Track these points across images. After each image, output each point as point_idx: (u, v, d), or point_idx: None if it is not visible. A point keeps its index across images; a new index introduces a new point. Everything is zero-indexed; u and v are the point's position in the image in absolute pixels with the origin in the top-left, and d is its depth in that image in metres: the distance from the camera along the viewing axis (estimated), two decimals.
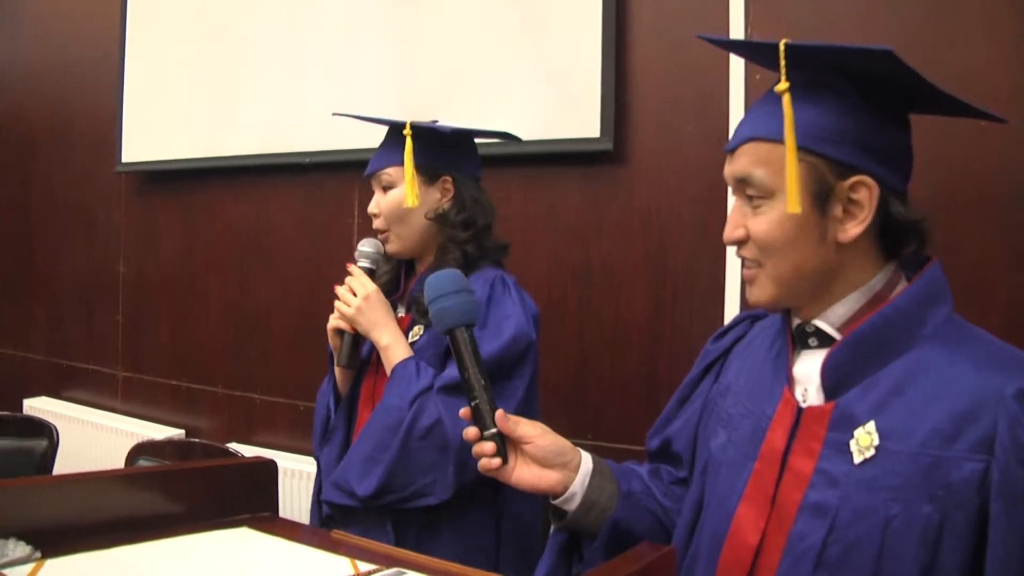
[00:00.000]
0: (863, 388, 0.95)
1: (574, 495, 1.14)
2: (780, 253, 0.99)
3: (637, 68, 2.21)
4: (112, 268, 3.40)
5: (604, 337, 2.24)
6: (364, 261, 1.62)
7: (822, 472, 0.95)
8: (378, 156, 1.64)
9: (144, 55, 3.19)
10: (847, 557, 0.91)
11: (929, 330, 0.96)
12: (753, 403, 1.07)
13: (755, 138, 0.99)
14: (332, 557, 1.00)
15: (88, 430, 3.21)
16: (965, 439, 0.88)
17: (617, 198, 2.24)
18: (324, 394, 1.70)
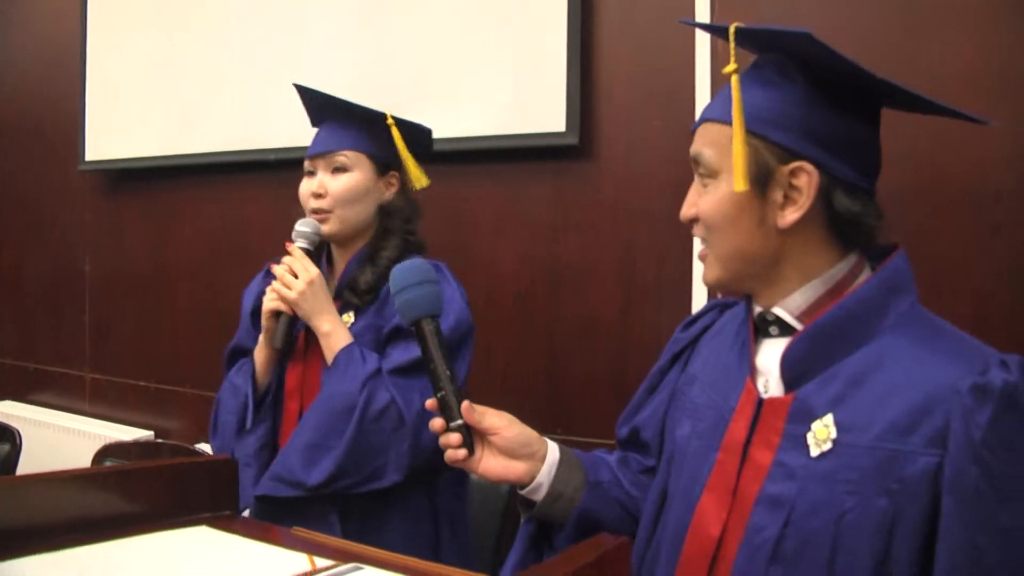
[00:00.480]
0: (822, 380, 0.95)
1: (540, 485, 1.14)
2: (722, 232, 1.00)
3: (603, 63, 2.22)
4: (78, 268, 3.36)
5: (573, 331, 2.24)
6: (302, 241, 1.61)
7: (780, 464, 0.95)
8: (331, 137, 1.64)
9: (106, 52, 3.16)
10: (803, 550, 0.91)
11: (891, 321, 0.95)
12: (717, 393, 1.07)
13: (708, 119, 1.02)
14: (289, 554, 0.99)
15: (55, 433, 3.18)
16: (920, 433, 0.88)
17: (585, 192, 2.24)
18: (237, 386, 1.65)
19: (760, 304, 1.04)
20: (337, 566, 0.92)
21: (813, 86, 0.97)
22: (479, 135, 2.28)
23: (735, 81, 0.95)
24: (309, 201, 1.63)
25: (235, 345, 1.74)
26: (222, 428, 1.65)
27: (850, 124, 0.98)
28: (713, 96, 2.06)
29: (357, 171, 1.63)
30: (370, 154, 1.64)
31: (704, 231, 1.03)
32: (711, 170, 1.00)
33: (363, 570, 0.92)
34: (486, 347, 2.33)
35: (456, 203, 2.40)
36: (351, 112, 1.65)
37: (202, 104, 2.90)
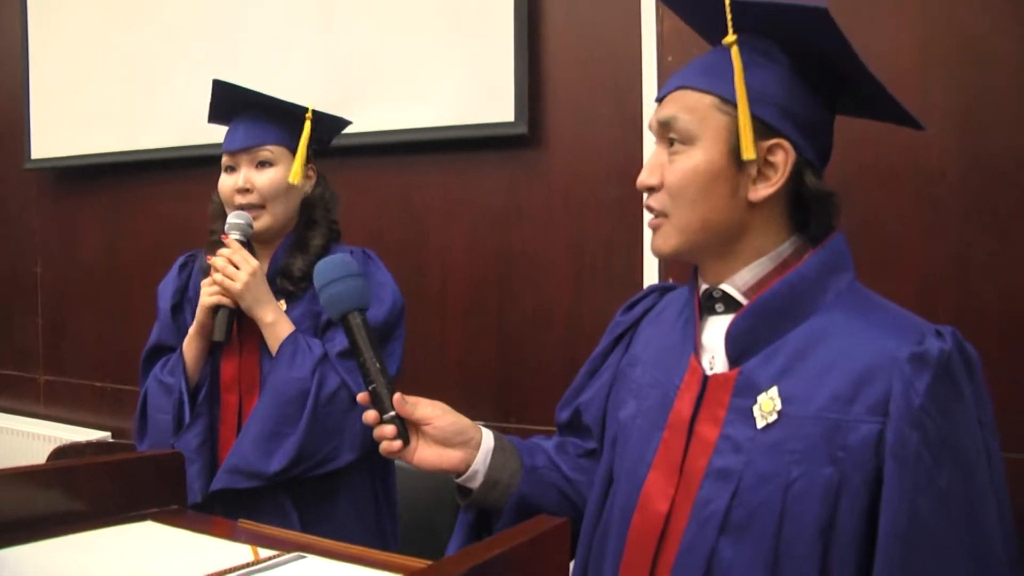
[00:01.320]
0: (766, 355, 0.98)
1: (476, 473, 1.15)
2: (691, 202, 1.00)
3: (550, 53, 2.23)
4: (29, 270, 3.31)
5: (525, 320, 2.26)
6: (236, 233, 1.59)
7: (726, 438, 0.98)
8: (251, 133, 1.62)
9: (49, 47, 3.11)
10: (751, 520, 0.93)
11: (831, 297, 0.99)
12: (661, 372, 1.09)
13: (685, 86, 1.02)
14: (234, 545, 0.99)
15: (8, 437, 3.13)
16: (862, 402, 0.90)
17: (535, 182, 2.25)
18: (167, 383, 1.62)
19: (706, 281, 1.06)
20: (280, 555, 0.93)
21: (794, 69, 0.99)
22: (429, 126, 2.28)
23: (736, 53, 0.96)
24: (234, 197, 1.61)
25: (155, 343, 1.71)
26: (153, 428, 1.63)
27: (820, 109, 1.02)
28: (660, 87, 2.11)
29: (281, 165, 1.62)
30: (292, 147, 1.63)
31: (666, 200, 1.02)
32: (687, 136, 1.00)
33: (306, 559, 0.92)
34: (439, 336, 2.34)
35: (408, 194, 2.41)
36: (274, 107, 1.64)
37: (151, 99, 2.86)
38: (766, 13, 0.97)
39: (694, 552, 0.96)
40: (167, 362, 1.66)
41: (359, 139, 2.30)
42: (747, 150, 0.95)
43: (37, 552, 0.97)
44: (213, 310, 1.57)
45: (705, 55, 1.04)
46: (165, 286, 1.76)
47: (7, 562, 0.93)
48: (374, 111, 1.66)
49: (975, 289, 1.77)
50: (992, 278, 1.75)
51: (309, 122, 1.61)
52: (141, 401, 1.68)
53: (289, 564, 0.91)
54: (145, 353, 1.72)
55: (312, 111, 1.63)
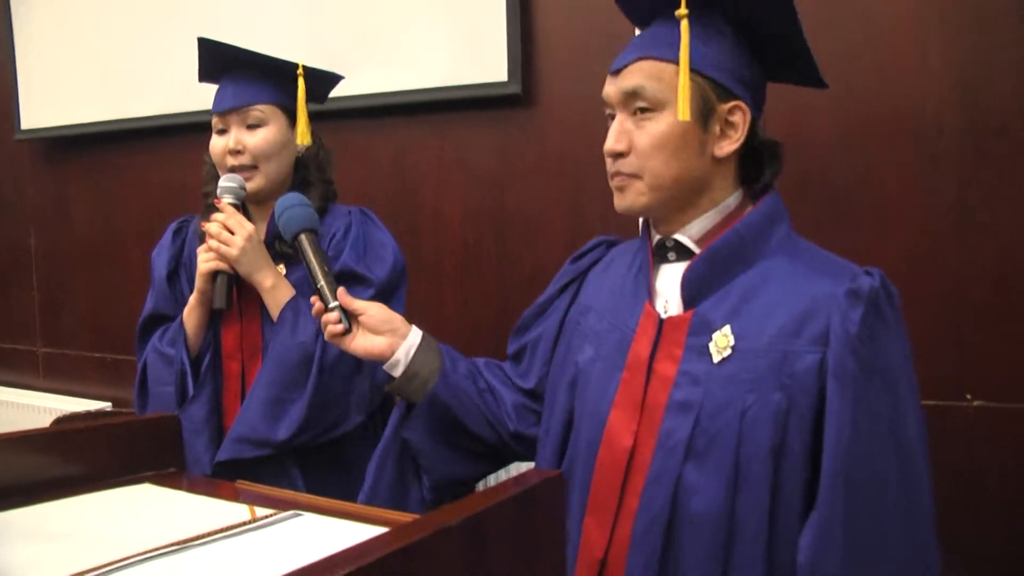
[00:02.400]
0: (718, 297, 1.09)
1: (398, 362, 1.30)
2: (664, 162, 1.11)
3: (542, 11, 2.20)
4: (23, 242, 3.30)
5: (523, 280, 2.25)
6: (229, 197, 1.57)
7: (685, 373, 1.08)
8: (240, 92, 1.59)
9: (35, 15, 3.05)
10: (712, 445, 1.04)
11: (772, 245, 1.11)
12: (616, 318, 1.19)
13: (647, 56, 1.12)
14: (231, 505, 0.99)
15: (8, 411, 3.15)
16: (806, 334, 1.03)
17: (529, 142, 2.24)
18: (168, 355, 1.61)
19: (660, 232, 1.18)
20: (276, 514, 0.93)
21: (738, 37, 1.12)
22: (421, 87, 2.26)
23: (685, 25, 1.07)
24: (226, 159, 1.58)
25: (152, 313, 1.69)
26: (155, 400, 1.62)
27: (759, 72, 1.15)
28: None
29: (273, 124, 1.59)
30: (283, 105, 1.61)
31: (635, 164, 1.12)
32: (656, 102, 1.10)
33: (302, 516, 0.92)
34: (436, 299, 2.33)
35: (400, 156, 2.39)
36: (262, 64, 1.61)
37: (141, 66, 2.83)
38: None
39: (661, 479, 1.06)
40: (165, 331, 1.64)
41: (350, 102, 2.28)
42: (684, 112, 1.06)
43: (35, 515, 0.97)
44: (212, 276, 1.55)
45: (656, 27, 1.14)
46: (159, 253, 1.73)
47: (6, 524, 0.93)
48: (365, 73, 1.63)
49: (974, 244, 1.76)
50: (991, 234, 1.75)
51: (302, 79, 1.58)
52: (140, 372, 1.66)
53: (285, 522, 0.91)
54: (141, 323, 1.71)
55: (303, 67, 1.60)
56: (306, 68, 1.60)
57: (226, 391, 1.61)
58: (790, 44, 1.13)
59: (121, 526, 0.93)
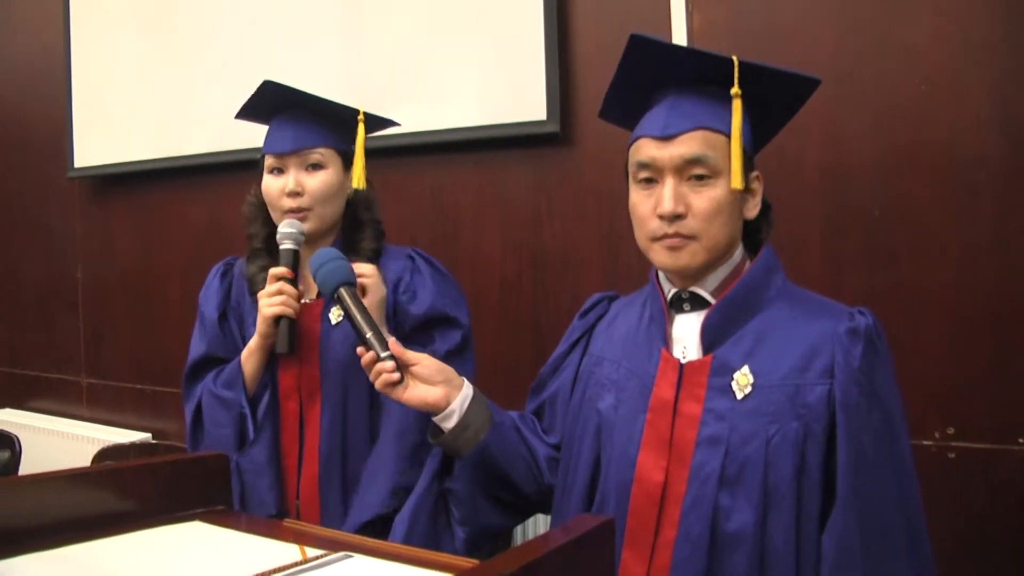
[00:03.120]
0: (733, 341, 1.21)
1: (452, 413, 1.33)
2: (722, 224, 1.21)
3: (581, 49, 2.22)
4: (70, 275, 3.37)
5: (560, 319, 2.24)
6: (289, 243, 1.58)
7: (710, 410, 1.19)
8: (301, 135, 1.60)
9: (90, 57, 3.16)
10: (742, 473, 1.15)
11: (773, 293, 1.24)
12: (634, 365, 1.29)
13: (704, 127, 1.20)
14: (281, 545, 1.00)
15: (53, 439, 3.19)
16: (814, 369, 1.16)
17: (567, 180, 2.25)
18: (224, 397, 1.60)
19: (678, 285, 1.27)
20: (327, 555, 0.94)
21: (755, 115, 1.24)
22: (461, 126, 2.29)
23: (738, 105, 1.19)
24: (282, 200, 1.59)
25: (204, 355, 1.69)
26: (212, 442, 1.61)
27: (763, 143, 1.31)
28: None
29: (331, 167, 1.61)
30: (339, 150, 1.63)
31: (694, 226, 1.20)
32: (715, 170, 1.20)
33: (352, 558, 0.93)
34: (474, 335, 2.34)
35: (439, 194, 2.41)
36: (325, 109, 1.63)
37: (187, 105, 2.90)
38: (765, 74, 1.20)
39: (699, 506, 1.16)
40: (219, 373, 1.64)
41: (390, 140, 2.30)
42: (737, 181, 1.18)
43: (89, 551, 0.99)
44: (275, 321, 1.54)
45: (703, 98, 1.21)
46: (207, 296, 1.73)
47: (60, 560, 0.95)
48: (405, 111, 1.66)
49: (1013, 276, 1.75)
50: None
51: (362, 124, 1.61)
52: (193, 414, 1.65)
53: (336, 564, 0.92)
54: (193, 364, 1.70)
55: (364, 113, 1.62)
56: (366, 114, 1.62)
57: (284, 431, 1.61)
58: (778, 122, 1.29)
59: (173, 564, 0.95)
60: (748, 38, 2.01)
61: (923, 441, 1.82)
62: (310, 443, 1.60)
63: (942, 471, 1.81)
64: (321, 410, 1.59)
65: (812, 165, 1.94)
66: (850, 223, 1.90)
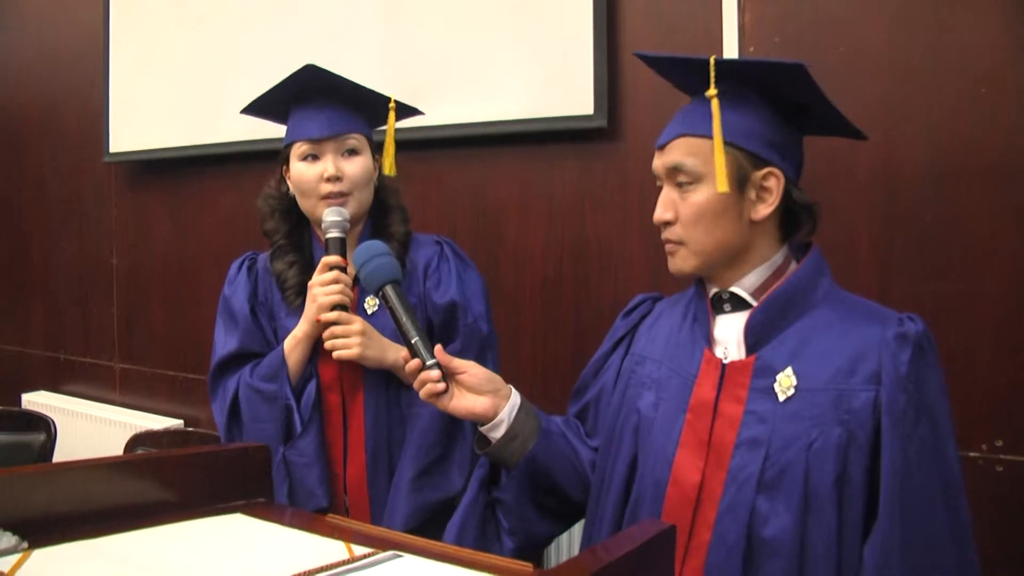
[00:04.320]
0: (777, 343, 1.19)
1: (501, 422, 1.31)
2: (706, 230, 1.21)
3: (629, 44, 2.18)
4: (105, 260, 3.38)
5: (602, 314, 2.22)
6: (335, 231, 1.56)
7: (752, 412, 1.17)
8: (336, 120, 1.58)
9: (129, 43, 3.16)
10: (782, 477, 1.13)
11: (820, 295, 1.21)
12: (676, 365, 1.28)
13: (685, 134, 1.22)
14: (327, 541, 0.98)
15: (86, 423, 3.20)
16: (860, 374, 1.13)
17: (612, 175, 2.21)
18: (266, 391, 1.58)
19: (716, 285, 1.26)
20: (375, 554, 0.91)
21: (770, 107, 1.21)
22: (506, 119, 2.26)
23: (715, 104, 1.16)
24: (320, 186, 1.56)
25: (237, 350, 1.65)
26: (253, 438, 1.59)
27: (792, 134, 1.24)
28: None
29: (364, 154, 1.61)
30: (370, 137, 1.63)
31: (680, 232, 1.22)
32: (695, 176, 1.20)
33: (402, 558, 0.91)
34: (513, 331, 2.31)
35: (483, 188, 2.38)
36: (361, 96, 1.62)
37: (224, 93, 2.89)
38: (744, 68, 1.21)
39: (735, 510, 1.14)
40: (255, 367, 1.62)
41: (433, 132, 2.29)
42: (722, 184, 1.16)
43: (129, 542, 0.97)
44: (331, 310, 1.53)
45: (693, 105, 1.24)
46: (235, 291, 1.71)
47: (99, 551, 0.94)
48: (448, 104, 1.64)
49: None
50: None
51: (393, 112, 1.61)
52: (229, 410, 1.63)
53: (385, 563, 0.89)
54: (223, 359, 1.66)
55: (395, 101, 1.62)
56: (397, 102, 1.63)
57: (328, 424, 1.59)
58: (817, 109, 1.22)
59: (216, 559, 0.93)
60: (798, 34, 1.97)
61: (970, 453, 1.78)
62: (355, 436, 1.59)
63: (990, 484, 1.77)
64: (364, 402, 1.58)
65: (863, 168, 1.90)
66: (900, 229, 1.86)
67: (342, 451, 1.59)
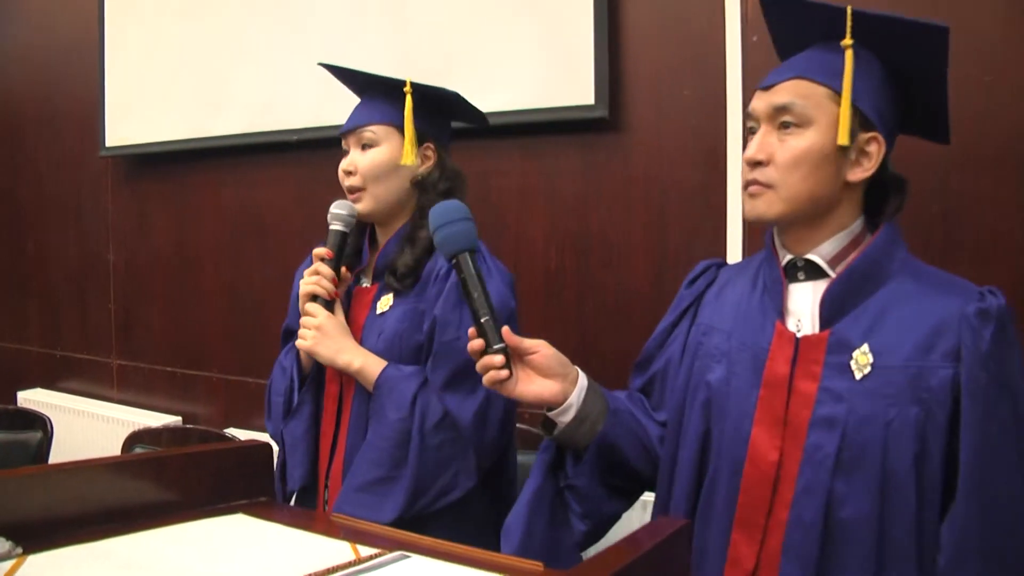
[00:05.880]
0: (853, 317, 1.14)
1: (570, 406, 1.25)
2: (803, 176, 1.15)
3: (631, 34, 2.15)
4: (102, 256, 3.35)
5: (605, 307, 2.20)
6: (338, 224, 1.56)
7: (827, 389, 1.13)
8: (359, 112, 1.59)
9: (126, 35, 3.12)
10: (859, 458, 1.09)
11: (896, 266, 1.16)
12: (746, 337, 1.22)
13: (801, 76, 1.17)
14: (332, 542, 0.96)
15: (84, 420, 3.17)
16: (938, 351, 1.09)
17: (615, 165, 2.19)
18: (284, 367, 1.64)
19: (790, 251, 1.22)
20: (383, 554, 0.89)
21: (887, 79, 1.18)
22: (507, 110, 2.22)
23: (850, 55, 1.14)
24: (344, 180, 1.58)
25: (285, 327, 1.71)
26: (273, 410, 1.64)
27: (897, 112, 1.21)
28: (745, 67, 2.03)
29: (386, 145, 1.56)
30: (399, 126, 1.56)
31: (773, 174, 1.17)
32: (804, 119, 1.15)
33: (410, 559, 0.88)
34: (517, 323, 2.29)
35: (484, 178, 2.35)
36: (374, 84, 1.60)
37: (222, 86, 2.86)
38: (886, 25, 1.15)
39: (812, 491, 1.11)
40: (290, 347, 1.64)
41: None
42: (843, 136, 1.13)
43: (129, 544, 0.95)
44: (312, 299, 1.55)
45: (814, 52, 1.20)
46: (299, 271, 1.71)
47: (99, 555, 0.91)
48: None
49: None
50: None
51: (410, 96, 1.54)
52: (268, 381, 1.69)
53: (393, 564, 0.87)
54: (281, 334, 1.73)
55: (412, 83, 1.55)
56: (415, 85, 1.55)
57: (324, 412, 1.59)
58: (932, 94, 1.20)
59: (221, 561, 0.90)
60: None
61: None
62: (344, 430, 1.57)
63: None
64: (355, 398, 1.56)
65: None
66: (907, 219, 1.82)
67: (331, 441, 1.57)
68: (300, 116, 2.65)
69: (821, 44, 1.19)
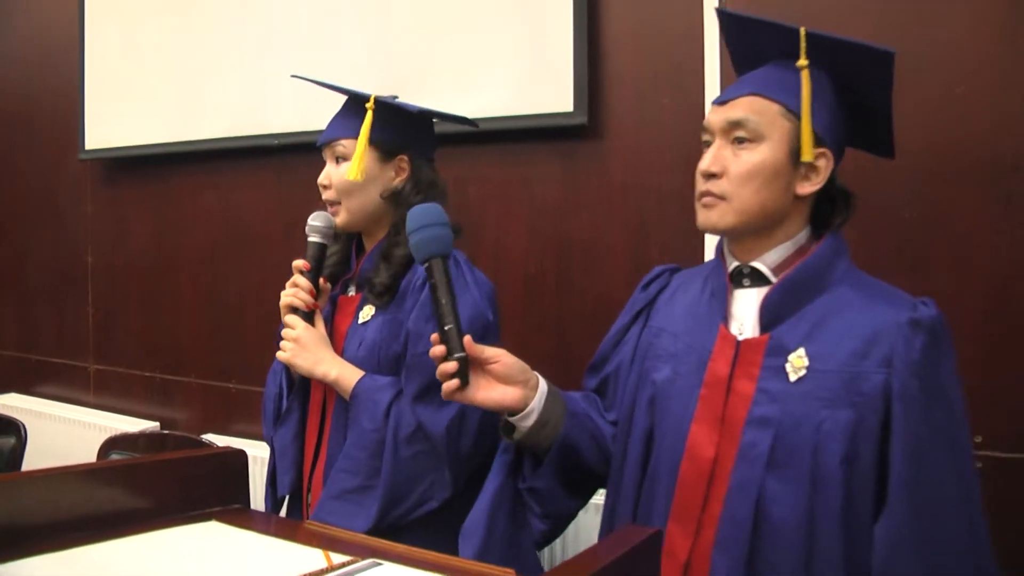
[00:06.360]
0: (792, 322, 1.19)
1: (532, 412, 1.29)
2: (754, 190, 1.20)
3: (610, 41, 2.17)
4: (81, 259, 3.32)
5: (584, 312, 2.20)
6: (315, 236, 1.57)
7: (763, 391, 1.18)
8: (334, 126, 1.60)
9: (104, 38, 3.10)
10: (790, 456, 1.14)
11: (837, 276, 1.21)
12: (693, 339, 1.27)
13: (756, 93, 1.22)
14: (304, 549, 0.96)
15: (59, 425, 3.14)
16: (872, 358, 1.13)
17: (594, 172, 2.20)
18: (276, 374, 1.66)
19: (737, 259, 1.26)
20: (355, 562, 0.89)
21: (837, 97, 1.24)
22: (487, 116, 2.23)
23: (807, 75, 1.19)
24: (322, 192, 1.60)
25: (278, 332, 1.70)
26: (266, 415, 1.67)
27: (846, 128, 1.27)
28: (724, 76, 2.04)
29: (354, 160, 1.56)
30: (373, 140, 1.55)
31: (726, 187, 1.21)
32: (756, 135, 1.20)
33: (382, 566, 0.88)
34: None
35: (463, 185, 2.35)
36: (349, 100, 1.61)
37: (202, 90, 2.85)
38: (837, 47, 1.20)
39: (745, 488, 1.15)
40: None
41: None
42: (807, 153, 1.18)
43: (100, 553, 0.95)
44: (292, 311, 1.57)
45: (770, 69, 1.25)
46: None
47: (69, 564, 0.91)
48: (428, 101, 1.61)
49: None
50: None
51: (371, 112, 1.54)
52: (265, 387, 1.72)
53: (365, 572, 0.87)
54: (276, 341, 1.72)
55: (376, 99, 1.55)
56: (378, 99, 1.55)
57: (309, 418, 1.61)
58: (878, 112, 1.25)
59: (196, 570, 0.90)
60: None
61: None
62: (326, 438, 1.59)
63: None
64: (336, 407, 1.57)
65: (844, 167, 1.89)
66: (880, 227, 1.85)
67: (315, 448, 1.59)
68: (281, 120, 2.64)
69: (776, 61, 1.24)
